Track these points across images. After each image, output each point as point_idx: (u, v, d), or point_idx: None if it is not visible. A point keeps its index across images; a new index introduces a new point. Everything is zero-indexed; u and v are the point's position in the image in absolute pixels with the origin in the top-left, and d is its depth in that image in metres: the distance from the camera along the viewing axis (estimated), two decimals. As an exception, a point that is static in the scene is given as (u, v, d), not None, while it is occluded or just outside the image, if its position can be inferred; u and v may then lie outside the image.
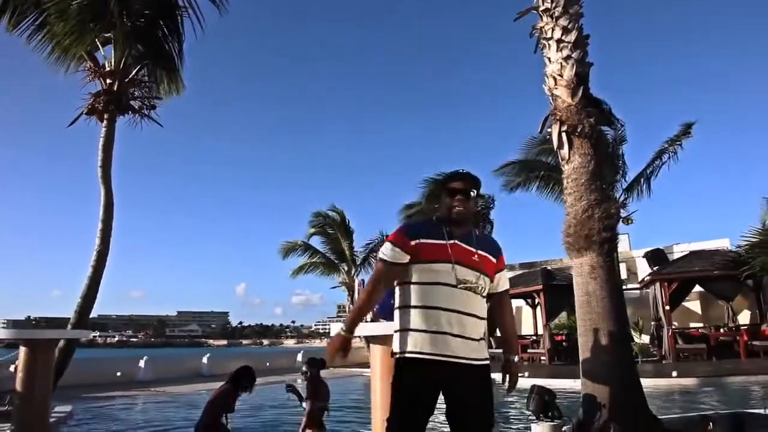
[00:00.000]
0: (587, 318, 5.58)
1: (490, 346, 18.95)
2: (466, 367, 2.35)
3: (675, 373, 11.57)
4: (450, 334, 2.34)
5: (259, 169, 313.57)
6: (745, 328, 16.13)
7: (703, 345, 15.61)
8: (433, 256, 2.43)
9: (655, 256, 19.08)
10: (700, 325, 18.33)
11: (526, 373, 13.04)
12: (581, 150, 5.88)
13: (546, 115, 6.27)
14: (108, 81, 10.58)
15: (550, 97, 6.21)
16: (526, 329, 21.61)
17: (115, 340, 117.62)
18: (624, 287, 17.72)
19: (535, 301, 19.81)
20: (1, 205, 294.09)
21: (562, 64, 6.10)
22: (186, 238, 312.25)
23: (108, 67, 10.69)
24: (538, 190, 20.16)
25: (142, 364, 15.59)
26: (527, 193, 20.27)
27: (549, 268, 19.96)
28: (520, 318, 22.83)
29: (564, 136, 5.95)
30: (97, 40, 10.59)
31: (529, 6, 6.69)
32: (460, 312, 2.37)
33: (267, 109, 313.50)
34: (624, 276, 19.56)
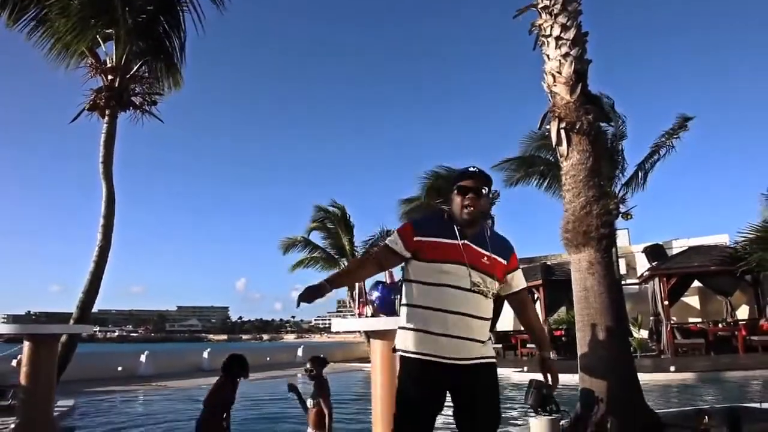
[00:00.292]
0: (585, 313, 5.64)
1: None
2: (471, 366, 2.34)
3: (673, 368, 11.65)
4: (456, 336, 2.31)
5: (259, 165, 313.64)
6: (744, 323, 16.22)
7: (701, 340, 15.69)
8: (444, 256, 2.37)
9: (654, 252, 19.16)
10: (699, 320, 18.41)
11: (525, 368, 13.11)
12: (580, 147, 5.91)
13: (545, 112, 6.32)
14: (109, 77, 10.59)
15: (549, 94, 6.24)
16: (526, 324, 21.66)
17: (116, 335, 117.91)
18: (623, 282, 17.79)
19: (535, 296, 19.88)
20: (2, 200, 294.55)
21: (560, 61, 6.13)
22: (186, 233, 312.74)
23: (109, 63, 10.71)
24: (538, 185, 20.23)
25: (143, 358, 15.67)
26: (527, 188, 20.37)
27: (549, 263, 20.04)
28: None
29: (563, 133, 5.98)
30: (98, 36, 10.62)
31: (528, 3, 6.71)
32: (468, 315, 2.33)
33: (268, 105, 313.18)
34: (623, 271, 19.62)
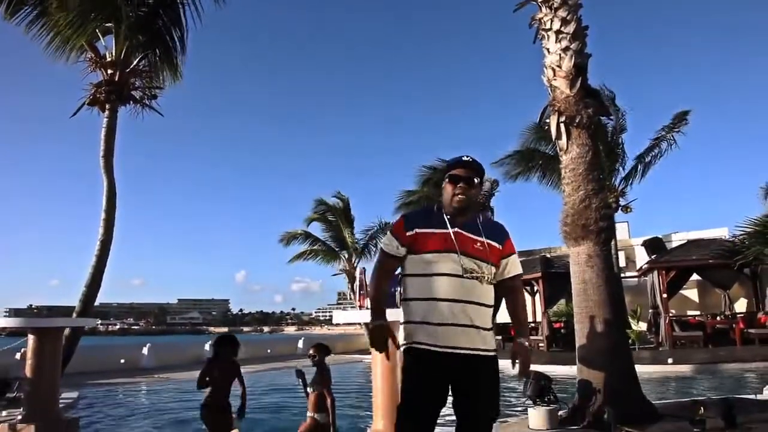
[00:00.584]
0: (584, 306, 5.70)
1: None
2: (472, 358, 2.33)
3: (671, 360, 11.74)
4: (456, 324, 2.31)
5: (259, 156, 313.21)
6: (742, 316, 16.29)
7: (699, 332, 15.77)
8: (435, 246, 2.38)
9: (653, 245, 19.24)
10: (697, 312, 18.51)
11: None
12: (579, 141, 5.95)
13: (545, 105, 6.35)
14: (109, 71, 10.60)
15: (549, 88, 6.27)
16: (525, 317, 21.80)
17: (117, 327, 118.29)
18: (622, 275, 17.90)
19: (534, 288, 19.97)
20: (4, 194, 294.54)
21: (560, 55, 6.16)
22: (186, 225, 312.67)
23: (109, 58, 10.71)
24: (538, 179, 20.30)
25: (145, 351, 15.76)
26: (527, 181, 20.44)
27: (548, 256, 20.11)
28: (519, 305, 23.01)
29: (562, 126, 6.02)
30: (98, 30, 10.61)
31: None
32: (466, 302, 2.33)
33: (268, 95, 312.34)
34: (622, 264, 19.72)
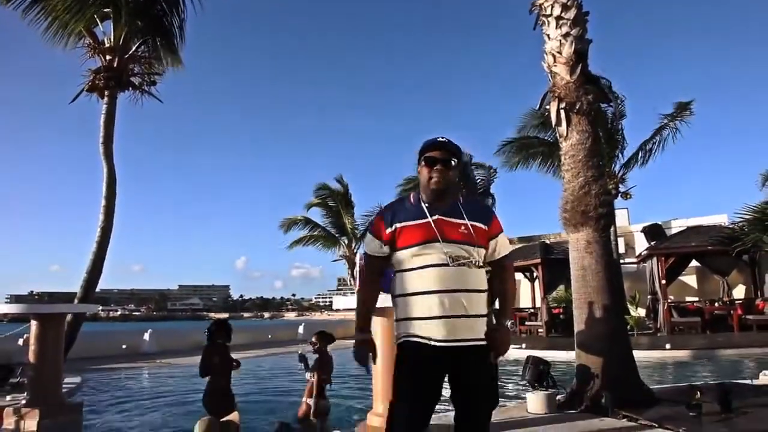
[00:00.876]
0: (582, 292, 5.72)
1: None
2: (468, 348, 2.24)
3: (669, 346, 11.81)
4: (451, 316, 2.21)
5: (259, 144, 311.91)
6: (740, 302, 16.38)
7: (697, 318, 15.86)
8: (417, 239, 2.28)
9: (653, 231, 19.27)
10: (696, 299, 18.60)
11: (524, 345, 13.30)
12: (579, 127, 5.94)
13: (545, 92, 6.33)
14: (108, 57, 10.55)
15: (549, 75, 6.24)
16: (525, 302, 21.93)
17: (118, 314, 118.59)
18: (621, 261, 17.95)
19: (534, 274, 20.06)
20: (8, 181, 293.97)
21: (561, 41, 6.12)
22: (185, 212, 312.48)
23: (107, 43, 10.65)
24: (538, 167, 20.31)
25: (146, 336, 15.85)
26: (527, 168, 20.45)
27: (547, 242, 20.17)
28: (519, 291, 23.13)
29: (562, 113, 6.00)
30: (96, 16, 10.54)
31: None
32: (458, 291, 2.23)
33: (270, 81, 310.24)
34: (622, 250, 19.77)
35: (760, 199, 9.71)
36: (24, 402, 5.78)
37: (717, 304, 17.02)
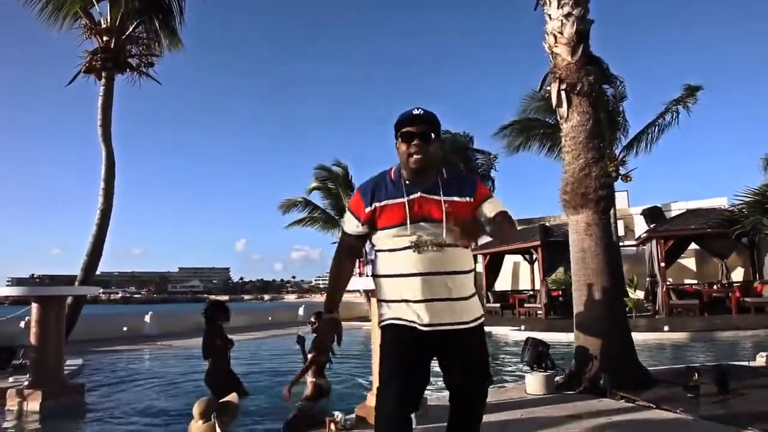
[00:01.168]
0: (582, 274, 5.73)
1: (488, 301, 19.35)
2: (453, 332, 2.15)
3: (667, 328, 11.88)
4: (435, 300, 2.11)
5: (258, 127, 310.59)
6: (738, 285, 16.44)
7: (696, 301, 15.94)
8: (397, 219, 2.15)
9: (652, 214, 19.26)
10: (695, 281, 18.68)
11: (523, 327, 13.38)
12: (580, 108, 5.89)
13: (546, 73, 6.27)
14: (104, 38, 10.43)
15: (550, 55, 6.17)
16: (524, 284, 22.03)
17: (119, 296, 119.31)
18: (621, 244, 17.97)
19: (533, 256, 20.11)
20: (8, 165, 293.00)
21: (562, 21, 6.04)
22: (185, 194, 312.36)
23: (104, 24, 10.53)
24: (538, 148, 20.25)
25: (147, 319, 15.93)
26: (527, 152, 20.39)
27: (547, 224, 20.17)
28: (518, 273, 23.20)
29: (563, 94, 5.95)
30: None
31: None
32: (441, 273, 2.12)
33: (270, 65, 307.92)
34: (621, 233, 19.78)
35: (761, 183, 9.72)
36: (26, 383, 5.84)
37: (716, 287, 17.11)
